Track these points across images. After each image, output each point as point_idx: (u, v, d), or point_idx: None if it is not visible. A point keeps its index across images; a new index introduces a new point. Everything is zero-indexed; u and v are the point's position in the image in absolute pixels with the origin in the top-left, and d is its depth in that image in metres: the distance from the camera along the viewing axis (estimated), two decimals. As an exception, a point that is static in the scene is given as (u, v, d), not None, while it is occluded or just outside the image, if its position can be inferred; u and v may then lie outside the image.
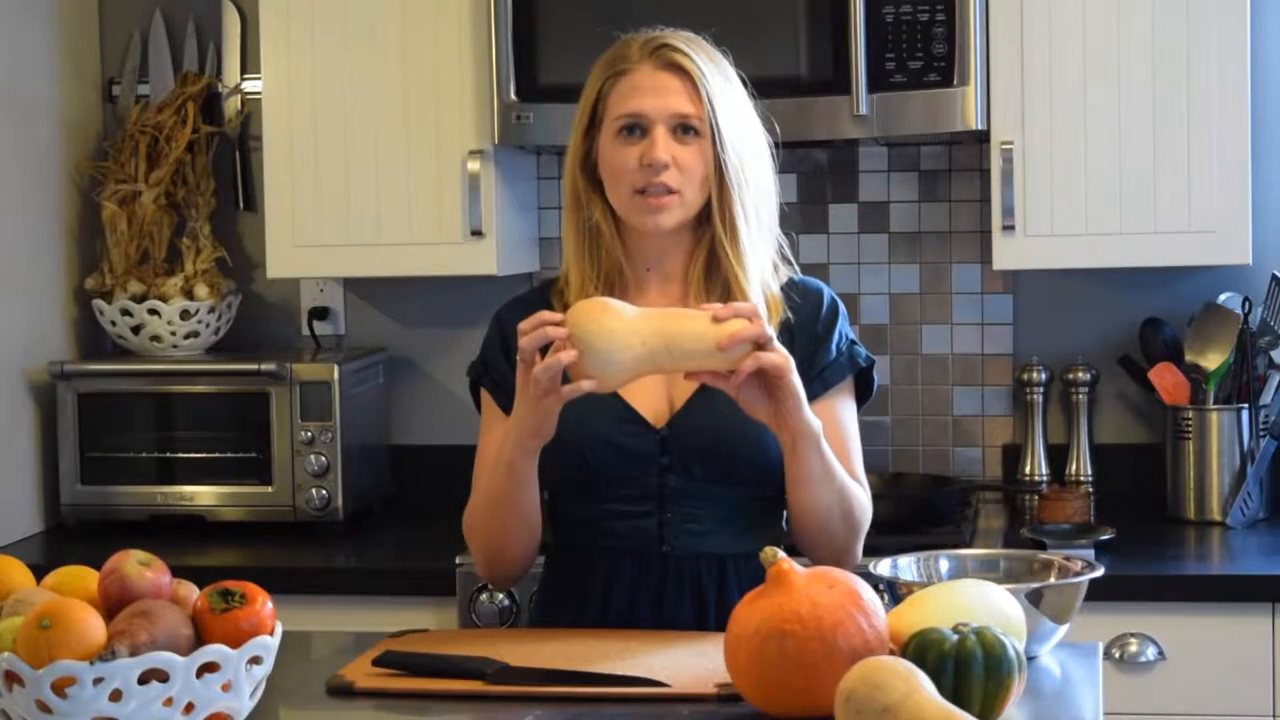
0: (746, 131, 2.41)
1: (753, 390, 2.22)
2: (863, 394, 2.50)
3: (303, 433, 3.50)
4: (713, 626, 2.34)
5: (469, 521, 2.45)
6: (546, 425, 2.26)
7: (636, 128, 2.37)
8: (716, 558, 2.40)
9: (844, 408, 2.45)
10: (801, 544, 2.38)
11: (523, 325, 2.21)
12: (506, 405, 2.36)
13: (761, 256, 2.42)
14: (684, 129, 2.37)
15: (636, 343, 2.15)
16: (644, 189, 2.36)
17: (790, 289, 2.46)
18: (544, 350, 2.19)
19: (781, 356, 2.20)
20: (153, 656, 1.77)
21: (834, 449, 2.34)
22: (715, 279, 2.41)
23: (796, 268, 2.50)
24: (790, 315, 2.42)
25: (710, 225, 2.40)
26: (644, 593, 2.39)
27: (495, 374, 2.46)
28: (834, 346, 2.44)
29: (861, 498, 2.39)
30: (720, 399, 2.26)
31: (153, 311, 3.66)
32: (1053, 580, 2.18)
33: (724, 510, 2.40)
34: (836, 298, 2.49)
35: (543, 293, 2.51)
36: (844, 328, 2.47)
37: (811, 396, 2.37)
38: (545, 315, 2.20)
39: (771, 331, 2.19)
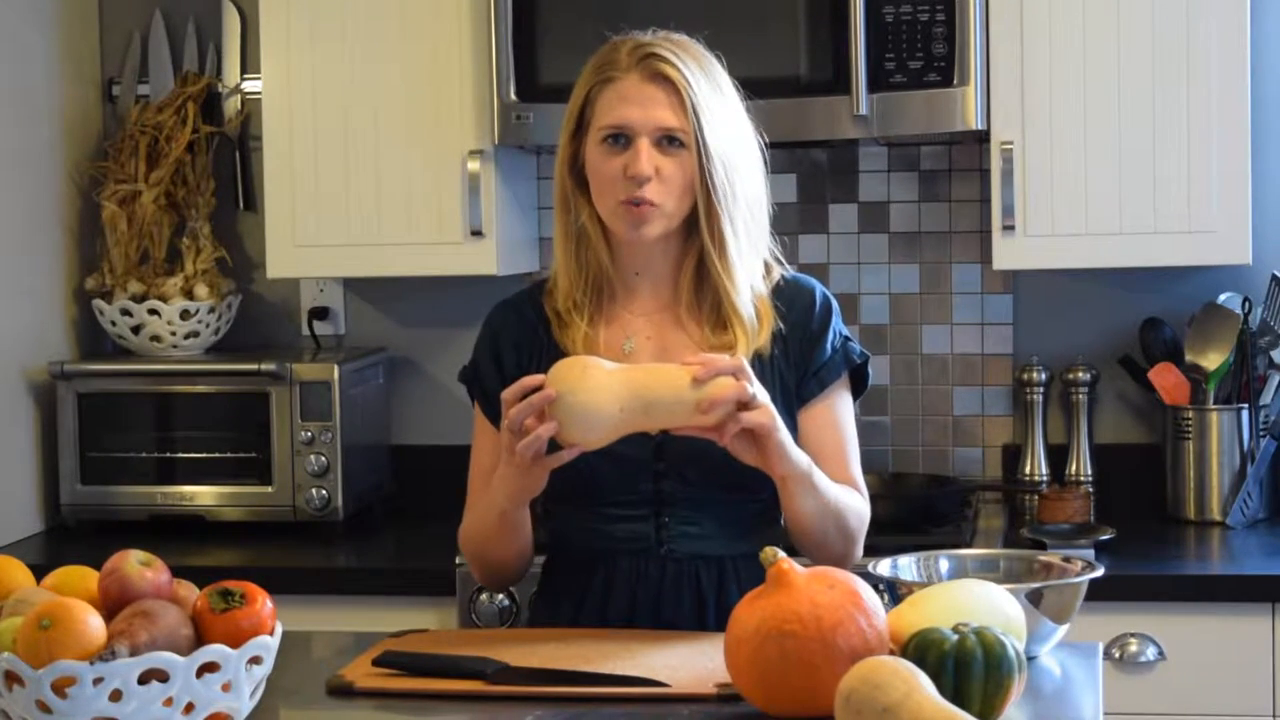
0: (735, 140, 2.39)
1: (740, 440, 2.21)
2: (857, 390, 2.49)
3: (303, 433, 3.50)
4: (712, 627, 2.34)
5: (464, 542, 2.46)
6: (535, 485, 2.28)
7: (621, 137, 2.35)
8: (715, 559, 2.39)
9: (841, 406, 2.44)
10: (799, 551, 2.38)
11: (506, 395, 2.20)
12: (494, 417, 2.36)
13: (752, 266, 2.41)
14: (668, 140, 2.35)
15: (615, 409, 2.16)
16: (627, 199, 2.35)
17: (782, 288, 2.45)
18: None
19: (765, 415, 2.19)
20: (153, 656, 1.77)
21: (831, 450, 2.34)
22: (705, 289, 2.40)
23: (787, 266, 2.49)
24: (781, 324, 2.41)
25: (699, 235, 2.38)
26: (643, 594, 2.38)
27: (485, 382, 2.45)
28: (828, 345, 2.43)
29: (858, 506, 2.39)
30: None
31: (153, 311, 3.66)
32: (1053, 580, 2.18)
33: (721, 513, 2.39)
34: (829, 295, 2.48)
35: (533, 295, 2.49)
36: (837, 325, 2.45)
37: (808, 396, 2.38)
38: (527, 382, 2.18)
39: (754, 390, 2.17)
